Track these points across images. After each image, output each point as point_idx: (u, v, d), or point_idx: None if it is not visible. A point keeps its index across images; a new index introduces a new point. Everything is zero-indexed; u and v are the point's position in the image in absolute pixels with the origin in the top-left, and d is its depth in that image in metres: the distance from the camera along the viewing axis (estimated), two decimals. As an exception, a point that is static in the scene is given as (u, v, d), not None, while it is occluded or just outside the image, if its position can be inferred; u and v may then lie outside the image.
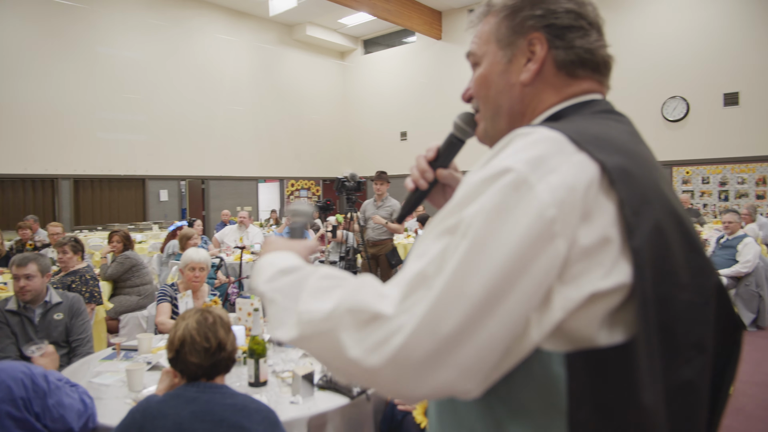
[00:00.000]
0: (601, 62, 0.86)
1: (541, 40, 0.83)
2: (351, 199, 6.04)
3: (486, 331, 0.60)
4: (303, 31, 15.91)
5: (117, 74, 12.38)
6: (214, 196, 14.35)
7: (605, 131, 0.74)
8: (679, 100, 11.44)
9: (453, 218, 0.65)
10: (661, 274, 0.67)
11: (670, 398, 0.69)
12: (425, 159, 1.03)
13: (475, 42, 0.94)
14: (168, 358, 1.76)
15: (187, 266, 3.50)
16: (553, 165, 0.65)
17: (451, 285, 0.60)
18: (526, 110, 0.87)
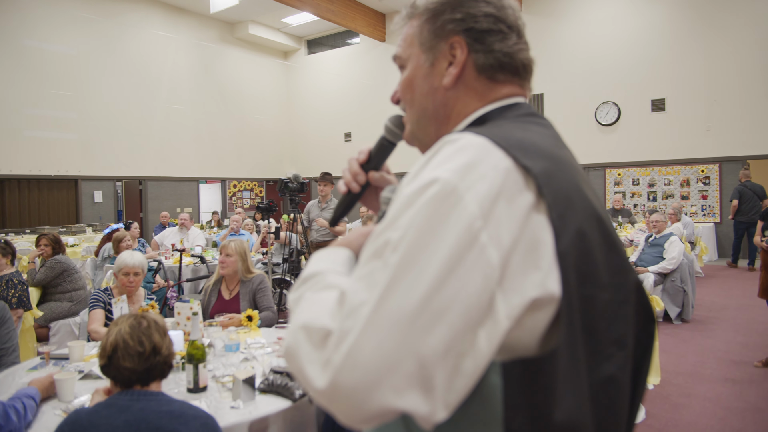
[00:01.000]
0: (521, 65, 0.86)
1: (461, 44, 0.84)
2: (294, 201, 5.99)
3: (426, 348, 0.59)
4: (245, 29, 15.64)
5: (46, 69, 11.77)
6: (153, 197, 13.88)
7: (529, 136, 0.75)
8: (612, 105, 11.98)
9: (387, 233, 0.65)
10: (585, 276, 0.69)
11: (595, 395, 0.71)
12: (357, 162, 1.03)
13: (401, 45, 0.93)
14: (100, 366, 1.70)
15: (121, 271, 3.38)
16: (481, 172, 0.65)
17: (382, 306, 0.60)
18: (451, 114, 0.87)
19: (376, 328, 0.59)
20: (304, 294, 0.71)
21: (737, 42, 10.67)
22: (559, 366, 0.66)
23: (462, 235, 0.61)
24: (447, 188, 0.63)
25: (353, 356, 0.58)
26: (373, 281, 0.62)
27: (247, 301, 3.57)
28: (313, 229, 6.43)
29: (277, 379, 2.24)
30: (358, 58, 16.31)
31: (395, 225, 0.65)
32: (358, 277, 0.64)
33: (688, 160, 11.34)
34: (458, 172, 0.65)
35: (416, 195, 0.65)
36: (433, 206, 0.63)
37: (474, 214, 0.62)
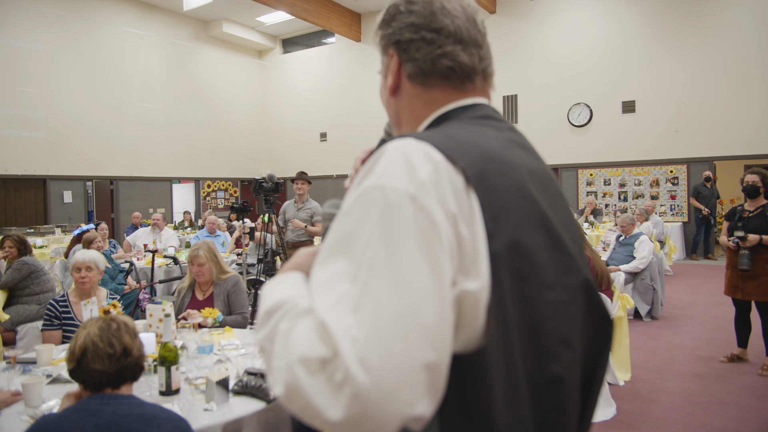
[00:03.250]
0: (446, 69, 0.87)
1: (394, 55, 0.90)
2: (269, 201, 5.94)
3: (429, 353, 0.60)
4: (219, 27, 15.47)
5: (12, 66, 11.47)
6: (124, 197, 13.63)
7: (473, 138, 0.77)
8: (584, 107, 12.18)
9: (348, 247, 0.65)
10: (523, 276, 0.71)
11: (538, 394, 0.73)
12: (361, 161, 1.06)
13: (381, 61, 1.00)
14: (68, 370, 1.66)
15: (73, 267, 3.32)
16: (416, 167, 0.67)
17: (377, 320, 0.59)
18: (402, 119, 0.93)
19: (379, 342, 0.58)
20: (278, 327, 0.67)
21: (705, 46, 10.95)
22: (492, 365, 0.67)
23: (414, 217, 0.63)
24: (390, 191, 0.65)
25: (365, 377, 0.57)
26: (356, 298, 0.61)
27: (221, 302, 3.53)
28: (289, 229, 6.39)
29: (251, 381, 2.22)
30: (333, 57, 16.26)
31: (357, 237, 0.64)
32: (337, 298, 0.62)
33: (657, 160, 11.60)
34: (397, 175, 0.66)
35: (365, 204, 0.66)
36: (384, 210, 0.64)
37: (410, 192, 0.65)
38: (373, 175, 0.69)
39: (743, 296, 4.49)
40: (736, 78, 10.67)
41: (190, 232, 10.44)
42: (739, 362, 4.70)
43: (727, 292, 4.68)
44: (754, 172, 4.52)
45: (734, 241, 4.43)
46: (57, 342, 3.19)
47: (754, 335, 4.75)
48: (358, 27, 15.47)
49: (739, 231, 4.40)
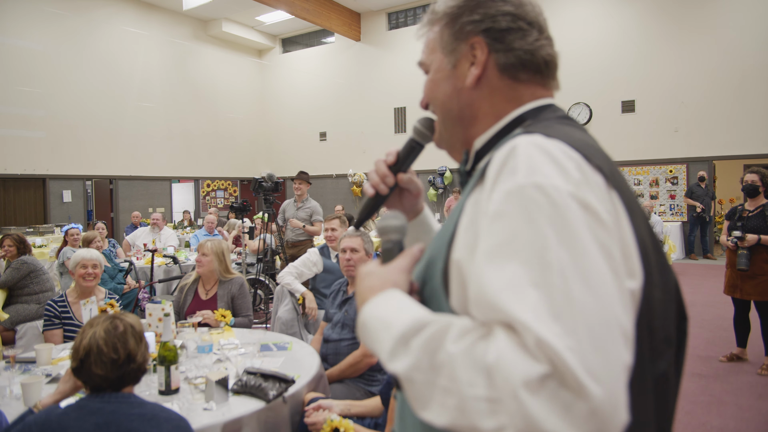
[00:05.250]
0: (543, 63, 0.85)
1: (481, 44, 0.84)
2: (268, 200, 5.95)
3: (627, 355, 0.57)
4: (219, 27, 15.46)
5: (11, 65, 11.46)
6: (124, 196, 13.63)
7: (583, 138, 0.75)
8: (583, 106, 12.19)
9: (513, 247, 0.60)
10: (647, 275, 0.70)
11: (653, 392, 0.72)
12: (385, 163, 1.02)
13: (424, 51, 0.96)
14: (71, 368, 1.66)
15: (78, 264, 3.32)
16: (564, 164, 0.65)
17: (590, 326, 0.55)
18: (477, 114, 0.87)
19: (597, 349, 0.54)
20: (442, 351, 0.60)
21: (705, 45, 10.95)
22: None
23: (592, 234, 0.60)
24: (554, 192, 0.62)
25: (598, 388, 0.52)
26: (552, 304, 0.56)
27: (224, 303, 3.53)
28: (288, 228, 6.39)
29: (251, 380, 2.23)
30: (333, 57, 16.26)
31: (524, 242, 0.60)
32: (531, 306, 0.56)
33: (656, 160, 11.60)
34: (551, 172, 0.64)
35: (524, 205, 0.62)
36: (551, 214, 0.61)
37: (583, 208, 0.62)
38: (515, 173, 0.65)
39: (742, 296, 4.49)
40: (735, 78, 10.68)
41: (190, 232, 10.44)
42: (738, 362, 4.71)
43: (726, 292, 4.68)
44: (753, 171, 4.52)
45: (732, 241, 4.43)
46: (59, 341, 3.19)
47: (754, 335, 4.75)
48: (358, 26, 15.46)
49: (737, 231, 4.41)
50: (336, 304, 3.10)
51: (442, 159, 14.18)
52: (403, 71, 14.91)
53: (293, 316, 3.95)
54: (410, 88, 14.78)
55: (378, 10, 15.22)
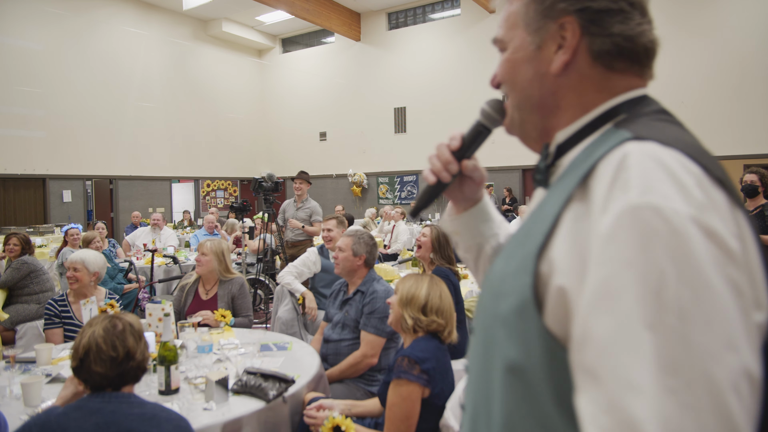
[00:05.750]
0: (642, 50, 0.74)
1: (573, 25, 0.73)
2: (269, 200, 5.95)
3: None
4: (219, 27, 15.47)
5: (11, 65, 11.47)
6: (124, 196, 13.63)
7: (693, 141, 0.67)
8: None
9: (624, 278, 0.54)
10: None
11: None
12: (448, 149, 0.93)
13: (502, 26, 0.83)
14: (71, 368, 1.66)
15: (69, 268, 3.35)
16: (683, 181, 0.56)
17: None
18: (561, 103, 0.77)
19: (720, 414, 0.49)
20: None
21: (704, 46, 10.95)
22: None
23: (717, 270, 0.53)
24: (674, 217, 0.54)
25: None
26: (668, 353, 0.51)
27: (225, 303, 3.53)
28: (288, 228, 6.39)
29: (251, 380, 2.23)
30: (333, 57, 16.26)
31: (637, 274, 0.53)
32: (644, 355, 0.51)
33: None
34: (670, 192, 0.56)
35: (638, 229, 0.54)
36: (669, 243, 0.53)
37: (707, 237, 0.54)
38: (627, 190, 0.57)
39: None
40: (735, 78, 10.68)
41: (190, 232, 10.45)
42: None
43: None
44: (752, 171, 4.52)
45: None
46: (59, 341, 3.20)
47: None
48: (358, 26, 15.46)
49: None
50: (336, 305, 3.10)
51: (442, 159, 14.17)
52: (403, 71, 14.91)
53: (293, 316, 3.95)
54: (410, 88, 14.78)
55: (378, 10, 15.22)
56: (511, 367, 0.66)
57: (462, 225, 1.03)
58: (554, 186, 0.72)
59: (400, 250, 7.60)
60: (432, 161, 0.93)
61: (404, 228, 8.39)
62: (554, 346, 0.62)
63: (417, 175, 14.86)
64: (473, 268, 1.07)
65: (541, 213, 0.70)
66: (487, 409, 0.73)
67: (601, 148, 0.66)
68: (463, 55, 13.79)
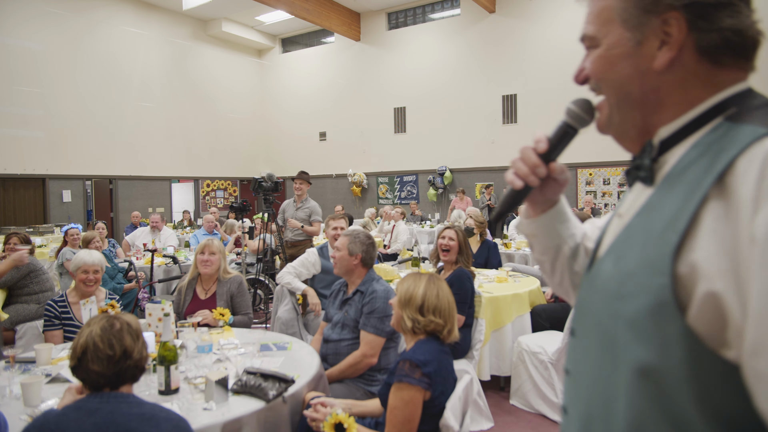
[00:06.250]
0: (751, 44, 0.72)
1: (680, 20, 0.71)
2: (268, 200, 5.95)
3: None
4: (218, 26, 15.47)
5: (11, 65, 11.47)
6: (124, 196, 13.63)
7: None
8: (583, 106, 12.17)
9: None
10: None
11: None
12: (535, 152, 0.90)
13: (592, 22, 0.81)
14: (70, 367, 1.66)
15: (80, 269, 3.30)
16: None
17: None
18: (664, 100, 0.75)
19: None
20: None
21: None
22: None
23: None
24: None
25: None
26: None
27: (224, 302, 3.52)
28: (288, 228, 6.39)
29: (251, 380, 2.22)
30: (332, 57, 16.26)
31: None
32: None
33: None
34: None
35: None
36: None
37: None
38: None
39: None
40: None
41: (189, 232, 10.44)
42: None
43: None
44: None
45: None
46: (59, 342, 3.19)
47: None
48: (358, 26, 15.46)
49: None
50: (336, 305, 3.10)
51: (441, 159, 14.19)
52: (402, 71, 14.91)
53: (293, 315, 3.94)
54: (410, 88, 14.78)
55: (378, 10, 15.22)
56: (643, 368, 0.65)
57: (540, 227, 1.02)
58: (671, 182, 0.70)
59: (400, 250, 7.60)
60: (517, 165, 0.91)
61: (404, 228, 8.39)
62: (698, 347, 0.61)
63: (417, 174, 14.86)
64: (549, 270, 1.06)
65: (661, 211, 0.68)
66: (605, 412, 0.72)
67: (731, 143, 0.64)
68: (463, 55, 13.78)
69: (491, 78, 13.30)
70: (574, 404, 0.81)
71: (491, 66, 13.26)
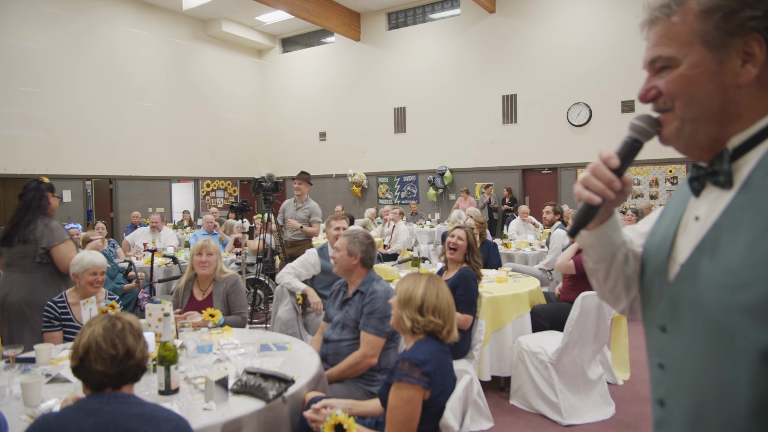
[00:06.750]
0: None
1: (760, 41, 0.81)
2: (268, 200, 5.95)
3: None
4: (218, 26, 15.47)
5: (10, 65, 11.47)
6: (124, 196, 13.62)
7: None
8: (583, 106, 12.18)
9: None
10: None
11: None
12: (608, 168, 0.95)
13: (667, 45, 0.91)
14: (71, 367, 1.66)
15: (88, 271, 3.27)
16: None
17: None
18: (742, 112, 0.85)
19: None
20: None
21: None
22: None
23: None
24: None
25: None
26: None
27: (220, 302, 3.52)
28: (287, 228, 6.39)
29: (251, 380, 2.22)
30: (332, 57, 16.26)
31: None
32: None
33: (656, 160, 11.61)
34: None
35: None
36: None
37: None
38: None
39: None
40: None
41: (189, 232, 10.44)
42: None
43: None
44: None
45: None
46: (59, 343, 3.18)
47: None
48: (358, 26, 15.46)
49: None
50: (336, 305, 3.10)
51: (441, 159, 14.19)
52: (402, 71, 14.91)
53: (293, 316, 3.94)
54: (410, 88, 14.78)
55: (378, 10, 15.22)
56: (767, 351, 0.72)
57: (598, 237, 1.06)
58: (759, 184, 0.79)
59: (400, 250, 7.59)
60: (591, 182, 0.95)
61: (404, 228, 8.38)
62: None
63: (417, 175, 14.86)
64: (602, 278, 1.10)
65: (764, 209, 0.76)
66: (720, 399, 0.78)
67: None
68: (463, 55, 13.78)
69: (491, 78, 13.30)
70: (675, 396, 0.88)
71: (491, 66, 13.26)
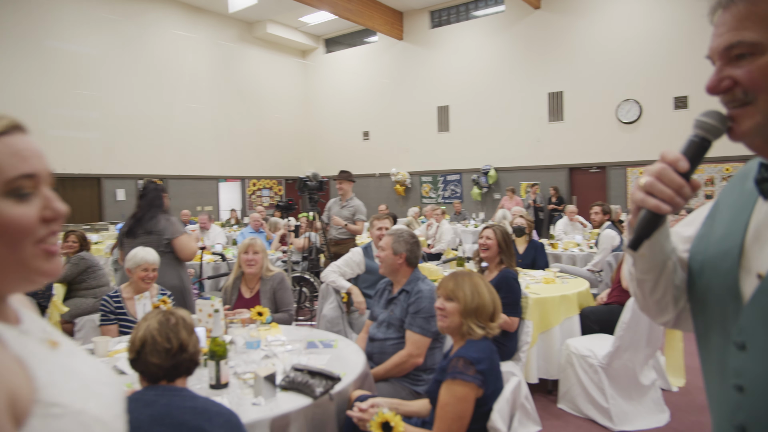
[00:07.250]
0: None
1: None
2: (313, 199, 6.01)
3: None
4: (263, 28, 15.74)
5: (67, 69, 11.99)
6: (173, 195, 14.03)
7: None
8: (633, 103, 11.82)
9: None
10: None
11: None
12: (675, 171, 0.86)
13: (751, 28, 0.81)
14: (129, 359, 1.72)
15: (140, 267, 3.40)
16: None
17: None
18: None
19: None
20: None
21: None
22: None
23: None
24: None
25: None
26: None
27: (267, 299, 3.58)
28: (332, 226, 6.44)
29: (298, 377, 2.25)
30: (375, 56, 16.31)
31: None
32: None
33: (712, 158, 11.10)
34: None
35: None
36: None
37: None
38: None
39: None
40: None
41: (236, 230, 10.67)
42: None
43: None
44: None
45: None
46: (114, 336, 3.30)
47: None
48: (400, 25, 15.45)
49: None
50: (381, 303, 3.10)
51: (485, 158, 14.03)
52: (446, 70, 14.81)
53: (338, 314, 3.97)
54: (453, 86, 14.67)
55: (420, 9, 15.17)
56: None
57: (650, 247, 0.97)
58: None
59: (444, 250, 7.55)
60: (657, 188, 0.86)
61: (448, 227, 8.33)
62: None
63: (460, 174, 14.74)
64: (650, 288, 1.02)
65: None
66: None
67: None
68: (508, 52, 13.59)
69: (537, 75, 13.06)
70: (762, 424, 0.82)
71: (536, 63, 13.03)
